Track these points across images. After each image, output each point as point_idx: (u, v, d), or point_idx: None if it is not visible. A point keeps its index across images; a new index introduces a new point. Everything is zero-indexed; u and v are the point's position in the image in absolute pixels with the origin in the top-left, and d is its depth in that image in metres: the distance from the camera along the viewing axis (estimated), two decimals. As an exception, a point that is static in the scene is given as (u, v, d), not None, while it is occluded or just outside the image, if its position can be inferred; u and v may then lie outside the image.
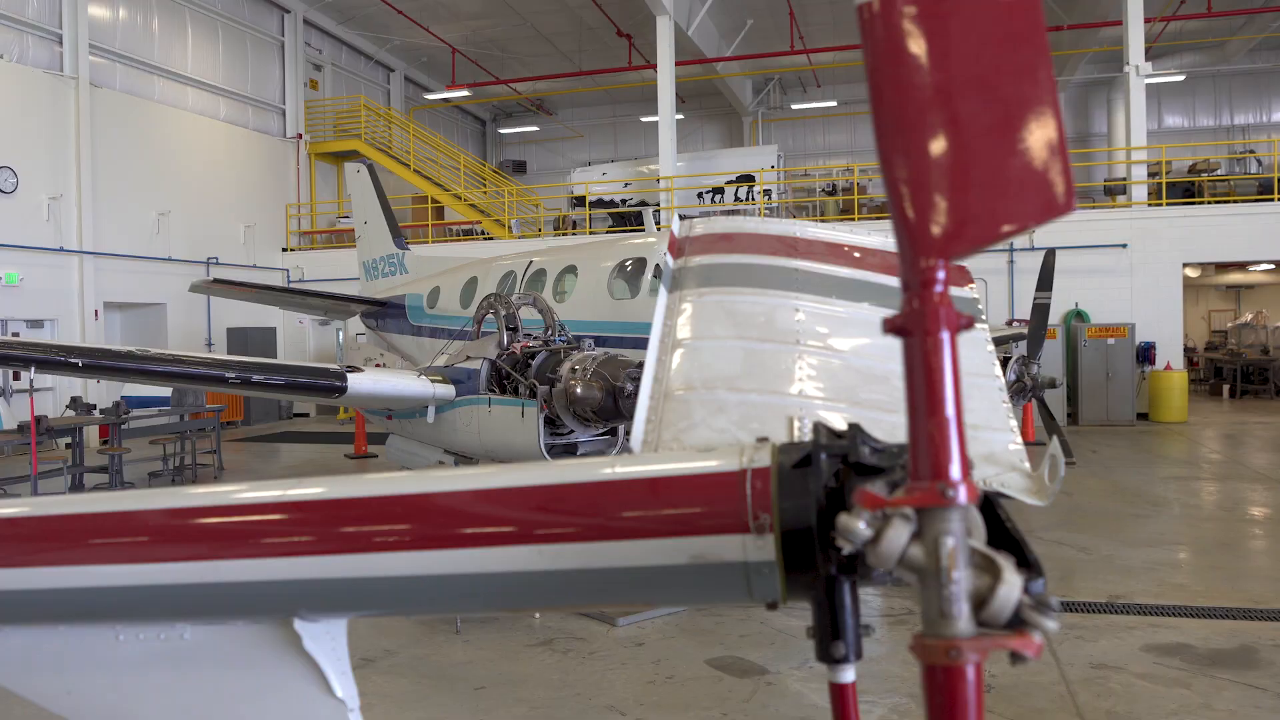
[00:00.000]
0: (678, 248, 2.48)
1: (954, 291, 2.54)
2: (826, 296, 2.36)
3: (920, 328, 1.18)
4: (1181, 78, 29.44)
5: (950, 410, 1.17)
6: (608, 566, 1.59)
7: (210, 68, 25.02)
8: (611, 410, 7.96)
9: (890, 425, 2.00)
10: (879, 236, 2.77)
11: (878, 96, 1.24)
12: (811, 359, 2.15)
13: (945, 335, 1.18)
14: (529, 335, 9.16)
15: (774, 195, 26.69)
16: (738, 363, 2.14)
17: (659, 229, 13.89)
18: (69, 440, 14.77)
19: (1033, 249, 21.82)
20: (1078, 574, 9.05)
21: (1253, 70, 31.75)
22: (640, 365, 7.98)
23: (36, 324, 19.95)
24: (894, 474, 1.48)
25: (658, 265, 10.55)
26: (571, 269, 11.90)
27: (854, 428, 1.60)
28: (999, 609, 1.15)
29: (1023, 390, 10.05)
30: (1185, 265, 22.04)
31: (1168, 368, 21.00)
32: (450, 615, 7.88)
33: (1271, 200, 21.52)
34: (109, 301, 21.49)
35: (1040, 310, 10.37)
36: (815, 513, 1.49)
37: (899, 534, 1.17)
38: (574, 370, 8.16)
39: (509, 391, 8.77)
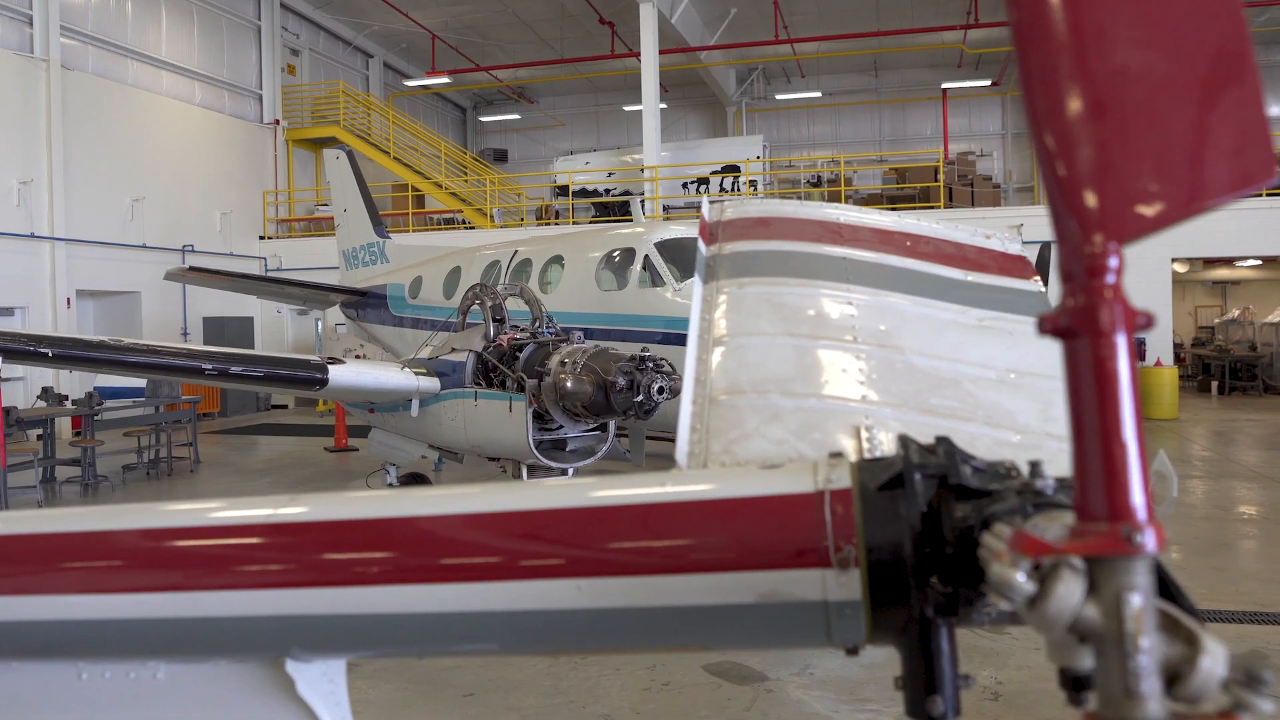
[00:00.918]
0: (710, 233, 2.21)
1: (1020, 285, 2.25)
2: (879, 288, 2.12)
3: (1090, 327, 0.93)
4: (1166, 71, 29.41)
5: (1131, 431, 0.92)
6: (660, 605, 1.35)
7: (185, 51, 24.51)
8: (603, 405, 7.70)
9: (968, 436, 1.76)
10: (928, 221, 2.52)
11: (1025, 39, 1.00)
12: (871, 359, 1.90)
13: (1121, 336, 0.93)
14: (516, 327, 8.89)
15: (759, 186, 26.44)
16: (790, 363, 1.89)
17: (646, 219, 13.66)
18: (40, 432, 14.38)
19: (1022, 243, 21.66)
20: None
21: (1236, 65, 31.71)
22: (632, 359, 7.72)
23: (7, 312, 19.49)
24: (1005, 500, 1.25)
25: (646, 256, 10.29)
26: (558, 259, 11.61)
27: (944, 441, 1.37)
28: (1200, 686, 0.90)
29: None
30: (1173, 260, 21.98)
31: (1158, 364, 20.92)
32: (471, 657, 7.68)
33: (1260, 195, 21.50)
34: (82, 289, 21.03)
35: (1036, 304, 10.15)
36: (911, 543, 1.26)
37: (1072, 590, 0.92)
38: (563, 363, 7.90)
39: (496, 385, 8.50)
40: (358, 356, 15.32)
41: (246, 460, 16.81)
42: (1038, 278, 2.24)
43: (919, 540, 1.24)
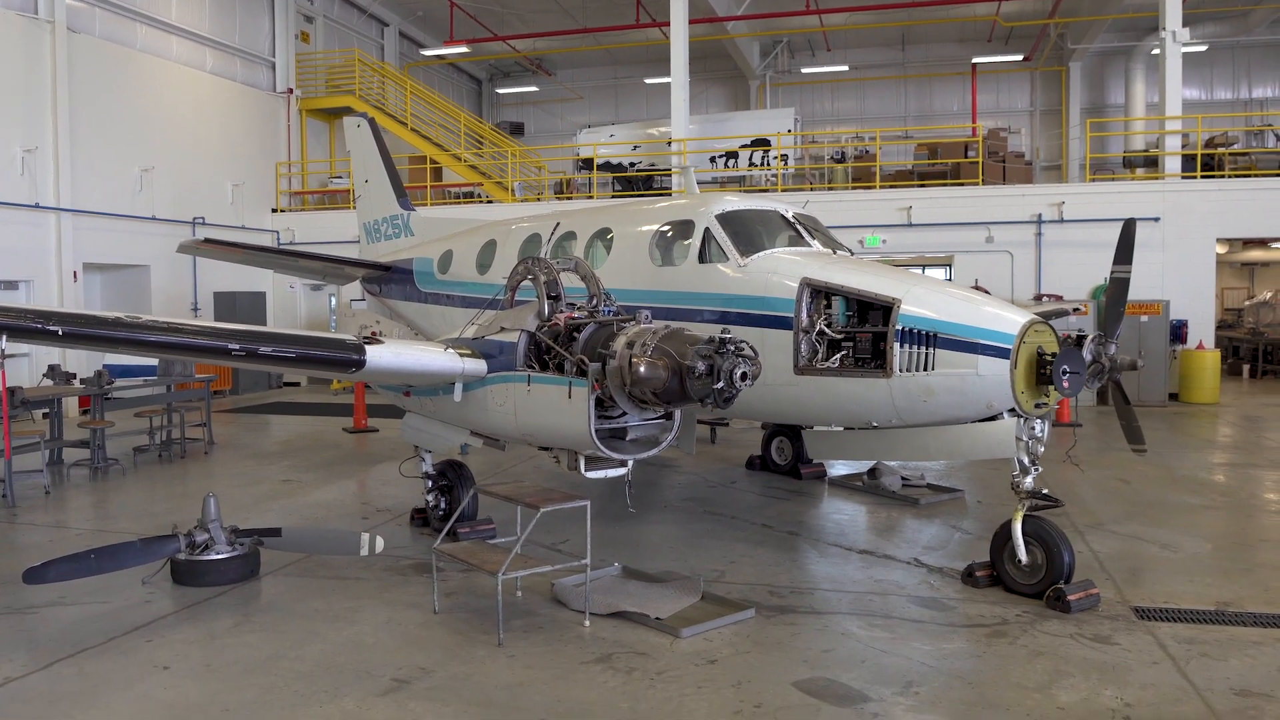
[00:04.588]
0: None
1: None
2: None
3: None
4: (1204, 48, 28.50)
5: None
6: None
7: (196, 16, 23.63)
8: (677, 392, 6.93)
9: None
10: None
11: None
12: None
13: None
14: (572, 305, 8.12)
15: (790, 160, 25.57)
16: None
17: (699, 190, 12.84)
18: (46, 412, 13.69)
19: (1061, 221, 20.94)
20: (1170, 575, 8.22)
21: (1273, 42, 30.88)
22: (710, 341, 6.94)
23: (11, 285, 18.75)
24: None
25: (707, 229, 9.52)
26: (605, 232, 10.84)
27: None
28: None
29: (1100, 373, 9.11)
30: (1217, 240, 21.26)
31: (1200, 347, 20.22)
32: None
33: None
34: (89, 262, 20.27)
35: (1119, 285, 9.35)
36: None
37: None
38: (631, 345, 7.13)
39: (551, 368, 7.75)
40: (373, 334, 14.56)
41: (262, 442, 16.11)
42: None
43: None
